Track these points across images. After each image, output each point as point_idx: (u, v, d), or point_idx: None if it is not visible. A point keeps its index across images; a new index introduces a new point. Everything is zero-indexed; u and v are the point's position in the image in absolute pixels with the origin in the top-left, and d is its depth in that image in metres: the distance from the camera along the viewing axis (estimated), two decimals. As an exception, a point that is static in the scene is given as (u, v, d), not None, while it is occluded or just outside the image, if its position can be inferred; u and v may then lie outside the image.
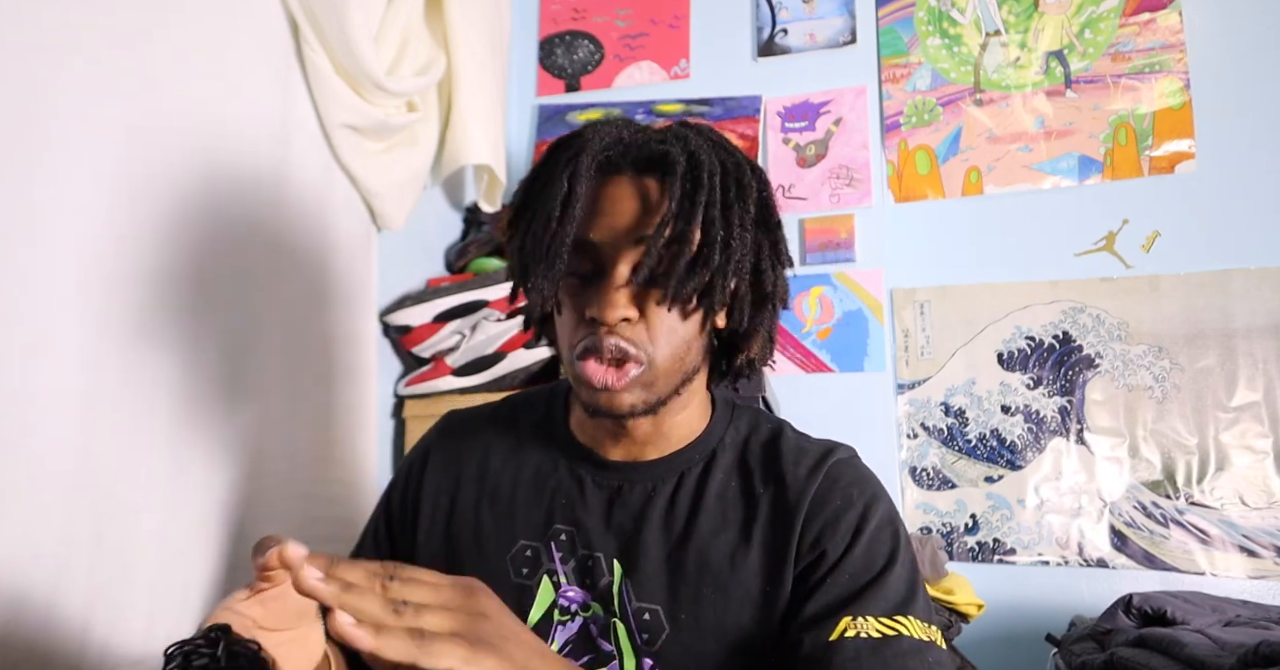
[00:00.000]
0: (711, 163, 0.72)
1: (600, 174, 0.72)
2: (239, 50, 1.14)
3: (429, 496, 0.83)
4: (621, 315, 0.69)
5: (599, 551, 0.75)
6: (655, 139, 0.74)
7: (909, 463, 1.70)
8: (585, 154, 0.71)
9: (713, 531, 0.74)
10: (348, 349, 1.38)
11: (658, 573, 0.73)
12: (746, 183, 0.74)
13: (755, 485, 0.76)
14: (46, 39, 0.86)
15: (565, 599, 0.74)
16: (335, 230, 1.35)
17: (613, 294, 0.69)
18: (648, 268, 0.69)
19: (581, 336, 0.71)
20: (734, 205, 0.72)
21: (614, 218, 0.71)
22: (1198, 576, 1.51)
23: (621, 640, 0.72)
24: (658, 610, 0.72)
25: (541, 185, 0.74)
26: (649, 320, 0.71)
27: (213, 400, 1.07)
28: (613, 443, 0.79)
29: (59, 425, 0.86)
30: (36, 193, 0.85)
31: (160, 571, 0.97)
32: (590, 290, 0.71)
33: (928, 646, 0.66)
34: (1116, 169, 1.70)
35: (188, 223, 1.04)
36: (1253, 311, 1.58)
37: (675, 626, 0.71)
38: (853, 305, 1.79)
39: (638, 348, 0.70)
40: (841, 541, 0.71)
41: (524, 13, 2.11)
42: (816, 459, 0.77)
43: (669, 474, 0.78)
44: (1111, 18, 1.75)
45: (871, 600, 0.68)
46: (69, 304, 0.88)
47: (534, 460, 0.82)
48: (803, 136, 1.89)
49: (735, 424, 0.82)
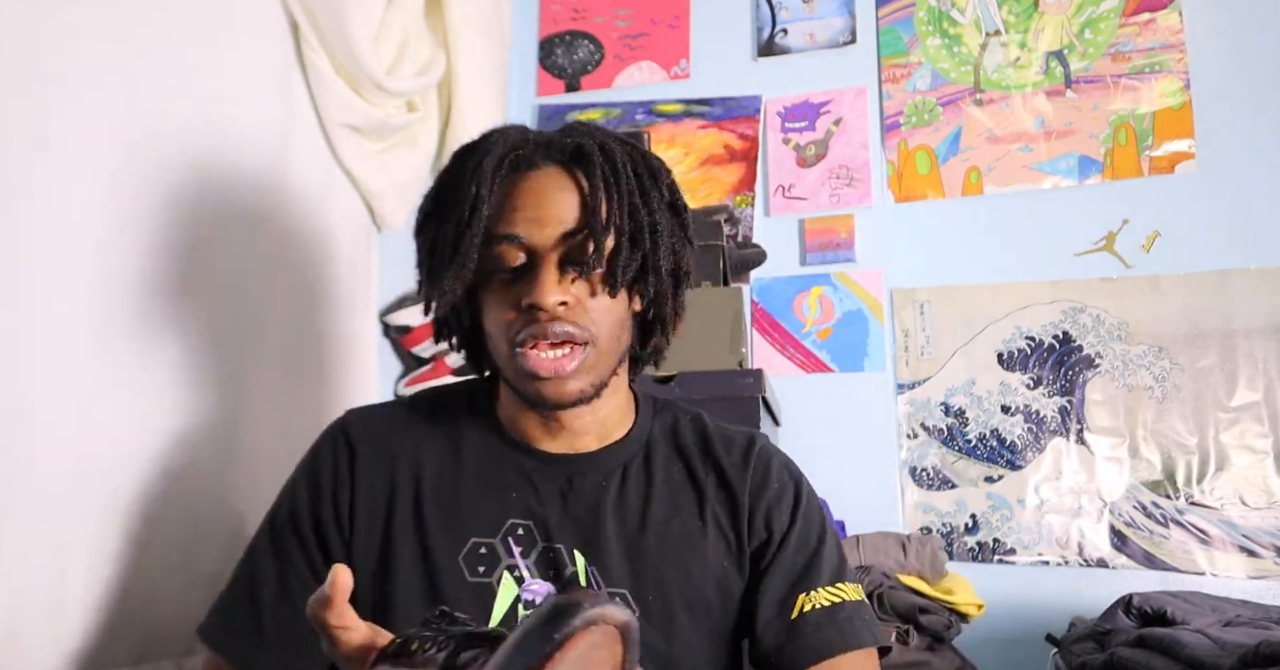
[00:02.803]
0: (622, 153, 0.76)
1: (512, 171, 0.75)
2: (239, 50, 1.14)
3: (364, 501, 0.77)
4: (559, 299, 0.71)
5: (559, 543, 0.75)
6: (562, 135, 0.78)
7: (909, 463, 1.70)
8: (490, 156, 0.74)
9: (667, 516, 0.78)
10: (348, 349, 1.38)
11: (620, 559, 0.75)
12: (656, 168, 0.79)
13: (697, 470, 0.81)
14: (45, 38, 0.86)
15: (530, 593, 0.74)
16: (335, 230, 1.35)
17: (547, 280, 0.71)
18: (580, 253, 0.73)
19: (520, 326, 0.72)
20: (650, 191, 0.77)
21: (535, 210, 0.73)
22: (1198, 576, 1.51)
23: None
24: (625, 594, 0.74)
25: (451, 190, 0.76)
26: (583, 304, 0.73)
27: (212, 400, 1.07)
28: (548, 436, 0.80)
29: (58, 426, 0.86)
30: (35, 193, 0.84)
31: (161, 571, 0.97)
32: (522, 283, 0.72)
33: (861, 605, 0.78)
34: (1116, 169, 1.70)
35: (187, 223, 1.04)
36: (1253, 311, 1.58)
37: (644, 608, 0.74)
38: (853, 305, 1.79)
39: (580, 329, 0.72)
40: (784, 521, 0.80)
41: (524, 13, 2.11)
42: (744, 446, 0.83)
43: (614, 465, 0.80)
44: (1111, 18, 1.75)
45: (815, 573, 0.78)
46: (67, 305, 0.88)
47: (473, 457, 0.80)
48: (803, 136, 1.89)
49: (660, 415, 0.86)
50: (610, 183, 0.74)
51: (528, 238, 0.73)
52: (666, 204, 0.79)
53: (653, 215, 0.76)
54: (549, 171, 0.75)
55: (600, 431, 0.81)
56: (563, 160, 0.76)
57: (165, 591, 0.97)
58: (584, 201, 0.74)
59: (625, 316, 0.77)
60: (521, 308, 0.72)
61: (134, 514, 0.94)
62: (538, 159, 0.76)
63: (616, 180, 0.74)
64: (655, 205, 0.77)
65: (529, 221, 0.73)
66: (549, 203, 0.74)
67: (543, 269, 0.72)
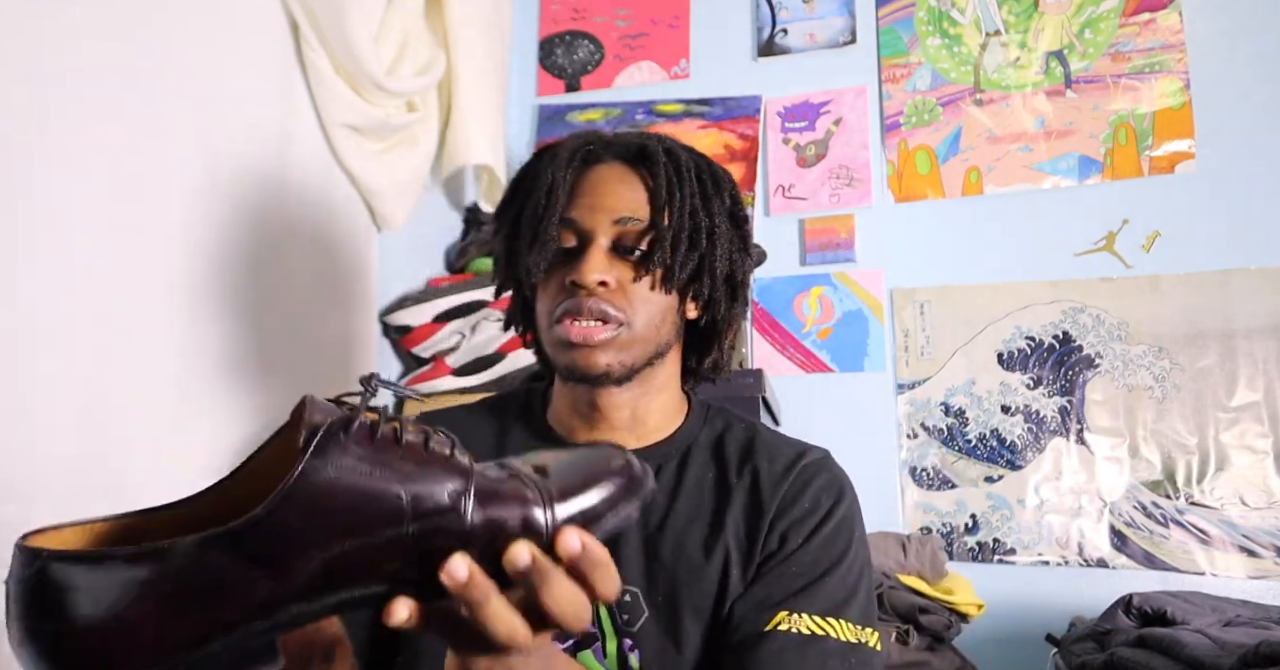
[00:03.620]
0: (687, 157, 0.81)
1: (583, 164, 0.80)
2: (239, 50, 1.14)
3: None
4: (599, 278, 0.75)
5: None
6: (633, 136, 0.83)
7: (909, 463, 1.70)
8: (564, 148, 0.80)
9: (688, 520, 0.78)
10: (348, 349, 1.38)
11: (636, 558, 0.76)
12: (720, 176, 0.83)
13: (730, 476, 0.80)
14: (46, 39, 0.86)
15: None
16: (335, 230, 1.35)
17: (592, 260, 0.75)
18: (631, 240, 0.77)
19: (561, 300, 0.76)
20: (712, 196, 0.80)
21: (592, 198, 0.78)
22: (1198, 576, 1.51)
23: (604, 621, 0.74)
24: (637, 593, 0.74)
25: (530, 180, 0.81)
26: (625, 289, 0.76)
27: (212, 401, 1.07)
28: (586, 428, 0.82)
29: (58, 426, 0.86)
30: (34, 193, 0.85)
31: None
32: (571, 262, 0.77)
33: (853, 648, 0.71)
34: (1116, 169, 1.70)
35: (187, 223, 1.04)
36: (1253, 311, 1.58)
37: (654, 609, 0.74)
38: (853, 305, 1.79)
39: (617, 309, 0.76)
40: (799, 539, 0.76)
41: (524, 13, 2.11)
42: (791, 459, 0.81)
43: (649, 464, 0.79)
44: (1111, 18, 1.75)
45: (809, 598, 0.72)
46: (66, 304, 0.88)
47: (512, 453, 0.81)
48: (803, 136, 1.89)
49: (711, 422, 0.86)
50: (673, 181, 0.78)
51: (580, 221, 0.77)
52: (727, 211, 0.82)
53: (712, 218, 0.80)
54: (613, 166, 0.81)
55: (640, 431, 0.82)
56: (627, 157, 0.81)
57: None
58: (647, 195, 0.78)
59: (669, 311, 0.80)
60: (565, 286, 0.76)
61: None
62: (604, 155, 0.81)
63: (680, 179, 0.79)
64: (715, 209, 0.80)
65: (585, 207, 0.78)
66: (606, 191, 0.78)
67: (590, 249, 0.76)
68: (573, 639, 0.73)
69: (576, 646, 0.73)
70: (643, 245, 0.77)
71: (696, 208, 0.79)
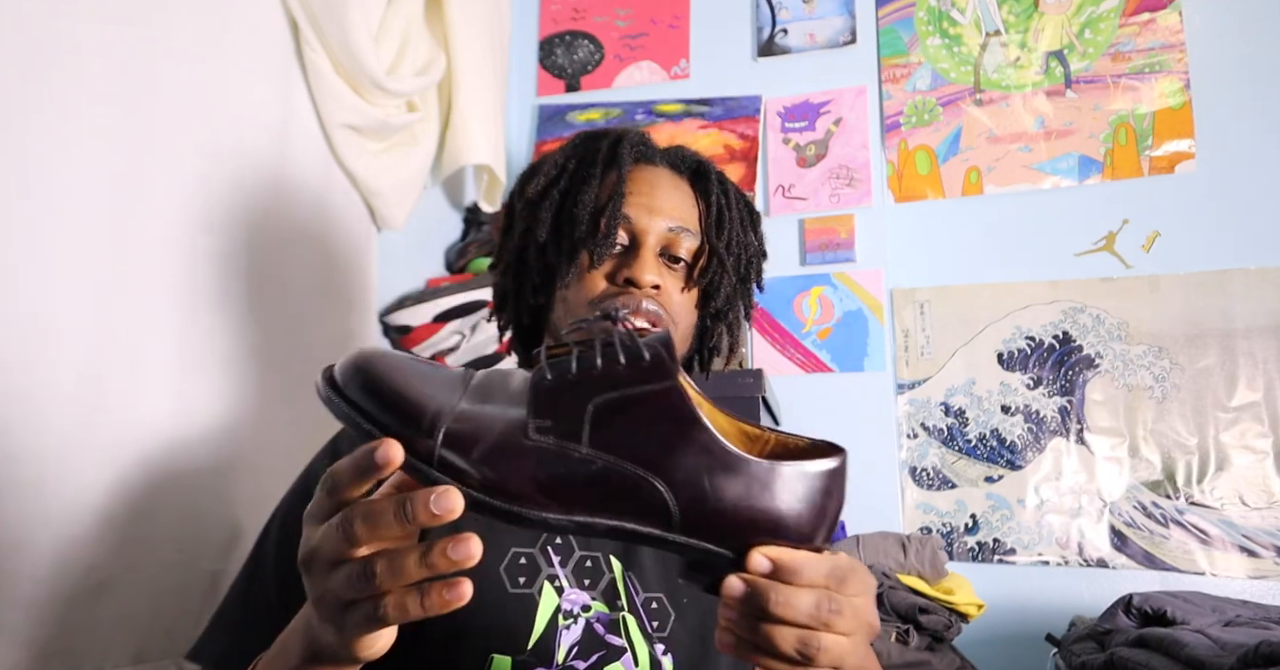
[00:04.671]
0: (735, 188, 0.83)
1: (635, 161, 0.81)
2: (239, 50, 1.14)
3: None
4: (655, 280, 0.76)
5: (597, 551, 0.75)
6: (683, 149, 0.84)
7: (909, 463, 1.70)
8: (624, 142, 0.80)
9: None
10: (348, 349, 1.38)
11: (655, 563, 0.75)
12: (755, 210, 0.86)
13: None
14: (45, 39, 0.86)
15: (569, 603, 0.72)
16: (335, 230, 1.35)
17: (649, 260, 0.76)
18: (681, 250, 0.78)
19: (611, 297, 0.76)
20: (750, 230, 0.83)
21: (648, 198, 0.78)
22: (1198, 576, 1.51)
23: (632, 631, 0.73)
24: (662, 598, 0.74)
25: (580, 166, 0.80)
26: (669, 294, 0.78)
27: (212, 400, 1.07)
28: None
29: (59, 426, 0.86)
30: (34, 193, 0.85)
31: (161, 570, 0.97)
32: (621, 259, 0.77)
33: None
34: (1116, 169, 1.70)
35: (187, 223, 1.04)
36: (1253, 311, 1.58)
37: (679, 611, 0.74)
38: (853, 305, 1.79)
39: (667, 313, 0.77)
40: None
41: (524, 13, 2.11)
42: None
43: None
44: (1111, 18, 1.75)
45: None
46: (66, 304, 0.88)
47: None
48: (803, 136, 1.89)
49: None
50: (723, 205, 0.80)
51: (636, 220, 0.77)
52: (759, 244, 0.85)
53: (749, 248, 0.83)
54: (665, 171, 0.82)
55: None
56: (679, 167, 0.82)
57: (165, 590, 0.97)
58: (699, 211, 0.80)
59: (693, 327, 0.82)
60: (617, 281, 0.76)
61: (134, 513, 0.94)
62: (658, 159, 0.82)
63: (728, 205, 0.81)
64: (752, 241, 0.84)
65: (640, 206, 0.78)
66: (662, 194, 0.79)
67: (645, 250, 0.77)
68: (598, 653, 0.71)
69: (601, 661, 0.71)
70: (688, 258, 0.79)
71: (742, 238, 0.81)
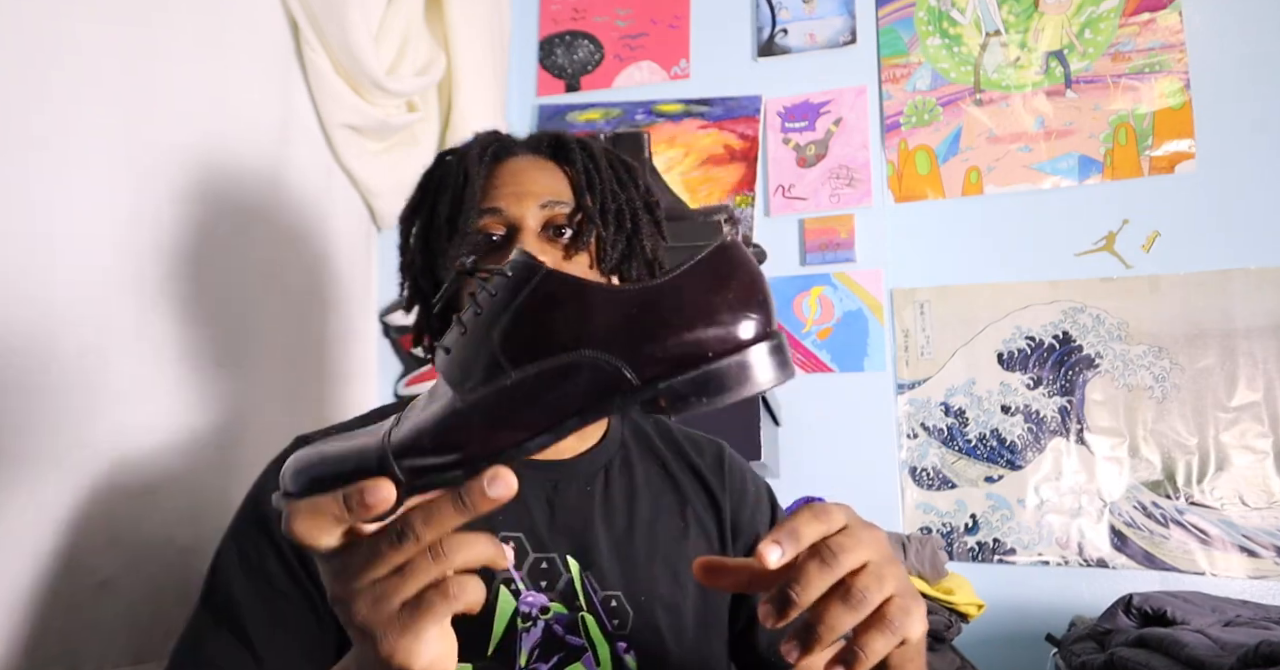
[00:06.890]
0: (598, 147, 0.84)
1: (494, 160, 0.82)
2: (239, 50, 1.14)
3: None
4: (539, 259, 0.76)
5: (552, 552, 0.74)
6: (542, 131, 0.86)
7: (909, 463, 1.70)
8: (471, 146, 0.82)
9: (653, 516, 0.79)
10: (347, 349, 1.38)
11: (612, 562, 0.75)
12: (629, 164, 0.86)
13: (671, 467, 0.84)
14: (45, 38, 0.86)
15: (526, 605, 0.72)
16: (335, 230, 1.35)
17: (527, 243, 0.76)
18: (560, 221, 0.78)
19: None
20: (626, 182, 0.83)
21: (515, 186, 0.79)
22: (1198, 576, 1.51)
23: (592, 631, 0.73)
24: (619, 596, 0.74)
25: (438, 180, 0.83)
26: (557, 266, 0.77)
27: (212, 399, 1.07)
28: None
29: (59, 426, 0.86)
30: (34, 194, 0.85)
31: (160, 569, 0.97)
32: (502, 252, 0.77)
33: None
34: (1116, 169, 1.70)
35: (187, 222, 1.04)
36: (1253, 311, 1.58)
37: (638, 608, 0.74)
38: (853, 305, 1.79)
39: None
40: (766, 524, 0.84)
41: (524, 13, 2.11)
42: (716, 451, 0.87)
43: (595, 469, 0.80)
44: (1111, 18, 1.75)
45: None
46: (67, 303, 0.88)
47: None
48: (803, 136, 1.89)
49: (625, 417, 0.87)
50: (590, 167, 0.81)
51: (507, 209, 0.78)
52: (642, 196, 0.85)
53: (632, 202, 0.82)
54: (528, 157, 0.83)
55: (579, 435, 0.79)
56: (539, 149, 0.83)
57: (165, 590, 0.97)
58: (568, 180, 0.80)
59: None
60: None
61: (134, 512, 0.94)
62: (516, 148, 0.84)
63: (596, 167, 0.81)
64: (633, 194, 0.83)
65: (509, 195, 0.79)
66: (527, 179, 0.80)
67: (524, 233, 0.77)
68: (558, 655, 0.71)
69: (562, 662, 0.71)
70: (571, 226, 0.79)
71: (616, 191, 0.81)
